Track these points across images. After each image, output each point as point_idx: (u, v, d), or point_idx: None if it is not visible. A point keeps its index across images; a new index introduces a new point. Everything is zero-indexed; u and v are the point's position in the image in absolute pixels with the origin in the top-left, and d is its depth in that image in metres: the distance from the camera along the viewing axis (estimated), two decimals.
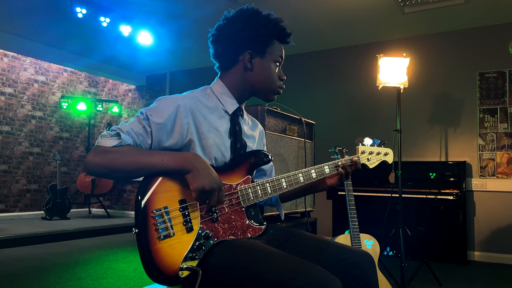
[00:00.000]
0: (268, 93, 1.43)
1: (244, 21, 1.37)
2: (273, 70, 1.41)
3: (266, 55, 1.39)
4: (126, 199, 7.05)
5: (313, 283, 1.03)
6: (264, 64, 1.39)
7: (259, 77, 1.40)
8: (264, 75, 1.40)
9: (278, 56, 1.42)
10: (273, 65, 1.41)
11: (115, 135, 1.22)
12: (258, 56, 1.39)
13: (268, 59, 1.40)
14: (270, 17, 1.40)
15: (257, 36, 1.36)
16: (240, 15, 1.39)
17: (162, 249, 1.14)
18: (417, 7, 4.12)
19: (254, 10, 1.40)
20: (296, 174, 1.40)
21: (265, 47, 1.38)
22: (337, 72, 5.32)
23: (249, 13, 1.39)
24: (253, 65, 1.39)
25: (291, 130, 2.89)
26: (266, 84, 1.41)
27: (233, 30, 1.38)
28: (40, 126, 6.56)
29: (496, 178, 4.29)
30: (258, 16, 1.39)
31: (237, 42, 1.37)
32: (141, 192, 1.18)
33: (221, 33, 1.41)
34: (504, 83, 4.33)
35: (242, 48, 1.38)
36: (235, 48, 1.38)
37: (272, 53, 1.40)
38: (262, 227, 1.32)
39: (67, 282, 3.03)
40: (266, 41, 1.38)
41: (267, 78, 1.40)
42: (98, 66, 6.36)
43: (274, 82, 1.42)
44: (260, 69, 1.39)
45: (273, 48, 1.40)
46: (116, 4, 4.44)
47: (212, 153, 1.32)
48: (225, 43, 1.40)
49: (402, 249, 3.05)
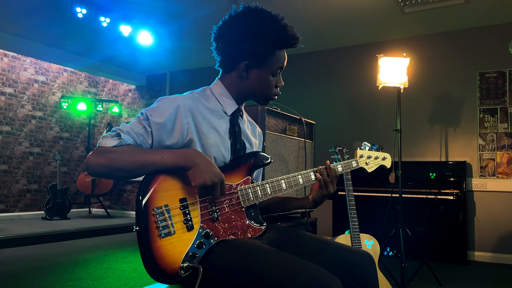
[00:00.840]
0: (263, 99, 1.44)
1: (245, 31, 1.33)
2: (270, 80, 1.39)
3: (264, 67, 1.37)
4: (126, 199, 7.05)
5: (313, 283, 1.03)
6: (261, 76, 1.38)
7: (253, 87, 1.40)
8: (259, 85, 1.39)
9: (278, 67, 1.39)
10: (271, 75, 1.39)
11: (116, 135, 1.23)
12: (255, 68, 1.37)
13: (266, 71, 1.38)
14: (274, 26, 1.34)
15: (255, 50, 1.33)
16: (243, 21, 1.34)
17: (162, 247, 1.15)
18: (417, 7, 4.12)
19: (259, 15, 1.34)
20: (296, 176, 1.41)
21: (263, 60, 1.36)
22: (337, 72, 5.32)
23: (252, 19, 1.33)
24: (249, 75, 1.38)
25: (291, 130, 2.89)
26: (261, 92, 1.41)
27: (233, 41, 1.35)
28: (40, 126, 6.56)
29: (496, 178, 4.29)
30: (260, 25, 1.32)
31: (235, 53, 1.36)
32: (142, 190, 1.18)
33: (223, 34, 1.38)
34: (504, 83, 4.33)
35: (240, 58, 1.36)
36: (233, 57, 1.37)
37: (271, 65, 1.37)
38: (262, 228, 1.32)
39: (67, 282, 3.03)
40: (265, 55, 1.35)
41: (262, 88, 1.40)
42: (98, 66, 6.36)
43: (269, 91, 1.41)
44: (256, 80, 1.38)
45: (273, 59, 1.37)
46: (116, 4, 4.44)
47: (212, 153, 1.33)
48: (225, 47, 1.38)
49: (402, 249, 3.05)
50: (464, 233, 4.07)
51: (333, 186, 1.44)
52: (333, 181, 1.43)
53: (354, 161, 1.57)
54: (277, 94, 1.44)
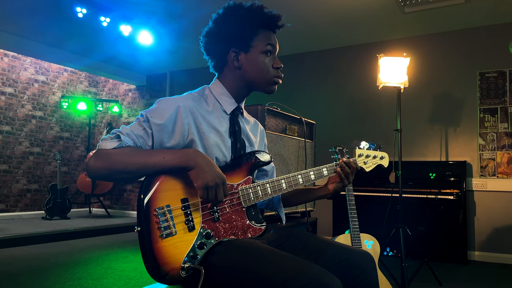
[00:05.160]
0: (265, 85, 1.39)
1: (223, 19, 1.35)
2: (263, 61, 1.36)
3: (251, 49, 1.36)
4: (127, 199, 7.05)
5: (313, 283, 1.03)
6: (250, 59, 1.36)
7: (249, 73, 1.37)
8: (253, 69, 1.36)
9: (265, 45, 1.36)
10: (262, 56, 1.36)
11: (116, 137, 1.23)
12: (242, 52, 1.36)
13: (254, 52, 1.36)
14: (252, 7, 1.35)
15: (237, 32, 1.34)
16: (222, 14, 1.37)
17: (164, 248, 1.14)
18: (417, 7, 4.12)
19: (236, 4, 1.36)
20: (296, 176, 1.41)
21: (247, 41, 1.35)
22: (337, 72, 5.32)
23: (230, 9, 1.36)
24: (240, 62, 1.37)
25: (291, 130, 2.89)
26: (259, 77, 1.37)
27: (215, 32, 1.37)
28: (40, 126, 6.56)
29: (497, 178, 4.29)
30: (238, 10, 1.35)
31: (220, 43, 1.37)
32: (144, 190, 1.17)
33: (208, 37, 1.40)
34: (505, 83, 4.33)
35: (226, 47, 1.36)
36: (221, 49, 1.38)
37: (257, 45, 1.36)
38: (262, 227, 1.32)
39: (67, 282, 3.03)
40: (247, 35, 1.34)
41: (257, 71, 1.36)
42: (98, 66, 6.36)
43: (267, 73, 1.37)
44: (248, 65, 1.36)
45: (258, 39, 1.36)
46: (116, 4, 4.44)
47: (214, 153, 1.33)
48: (213, 45, 1.40)
49: (402, 249, 3.05)
50: (464, 233, 4.07)
51: (353, 177, 1.52)
52: (353, 173, 1.51)
53: (352, 159, 1.57)
54: (278, 75, 1.39)
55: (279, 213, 1.57)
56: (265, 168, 1.54)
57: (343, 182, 1.49)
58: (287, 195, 1.55)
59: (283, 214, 1.58)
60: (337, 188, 1.50)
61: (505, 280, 3.50)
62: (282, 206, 1.57)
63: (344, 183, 1.49)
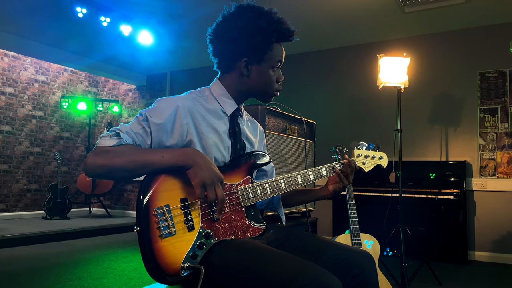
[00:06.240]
0: (265, 96, 1.43)
1: (241, 27, 1.33)
2: (270, 75, 1.39)
3: (264, 62, 1.37)
4: (127, 198, 7.05)
5: (313, 283, 1.03)
6: (261, 71, 1.38)
7: (254, 83, 1.39)
8: (260, 81, 1.39)
9: (277, 61, 1.39)
10: (271, 70, 1.39)
11: (115, 135, 1.22)
12: (254, 63, 1.37)
13: (266, 66, 1.38)
14: (270, 20, 1.34)
15: (254, 44, 1.33)
16: (238, 18, 1.34)
17: (163, 248, 1.14)
18: (417, 7, 4.12)
19: (253, 11, 1.35)
20: (295, 176, 1.41)
21: (262, 55, 1.36)
22: (338, 72, 5.32)
23: (247, 16, 1.34)
24: (250, 72, 1.38)
25: (292, 130, 2.89)
26: (263, 88, 1.41)
27: (230, 39, 1.34)
28: (40, 125, 6.56)
29: (497, 178, 4.29)
30: (256, 20, 1.33)
31: (234, 50, 1.35)
32: (143, 190, 1.17)
33: (219, 34, 1.38)
34: (505, 83, 4.33)
35: (238, 56, 1.36)
36: (232, 55, 1.37)
37: (269, 59, 1.37)
38: (261, 227, 1.32)
39: (67, 282, 3.03)
40: (264, 49, 1.35)
41: (263, 83, 1.39)
42: (98, 66, 6.36)
43: (271, 86, 1.41)
44: (256, 76, 1.38)
45: (271, 53, 1.37)
46: (117, 3, 4.44)
47: (212, 153, 1.33)
48: (223, 46, 1.38)
49: (402, 249, 3.05)
50: (464, 233, 4.07)
51: (352, 177, 1.53)
52: (353, 173, 1.53)
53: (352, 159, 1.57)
54: (279, 89, 1.44)
55: (279, 213, 1.57)
56: (264, 168, 1.54)
57: (343, 182, 1.50)
58: (287, 195, 1.56)
59: (283, 214, 1.58)
60: (337, 189, 1.51)
61: (505, 280, 3.50)
62: (282, 206, 1.57)
63: (344, 183, 1.50)
